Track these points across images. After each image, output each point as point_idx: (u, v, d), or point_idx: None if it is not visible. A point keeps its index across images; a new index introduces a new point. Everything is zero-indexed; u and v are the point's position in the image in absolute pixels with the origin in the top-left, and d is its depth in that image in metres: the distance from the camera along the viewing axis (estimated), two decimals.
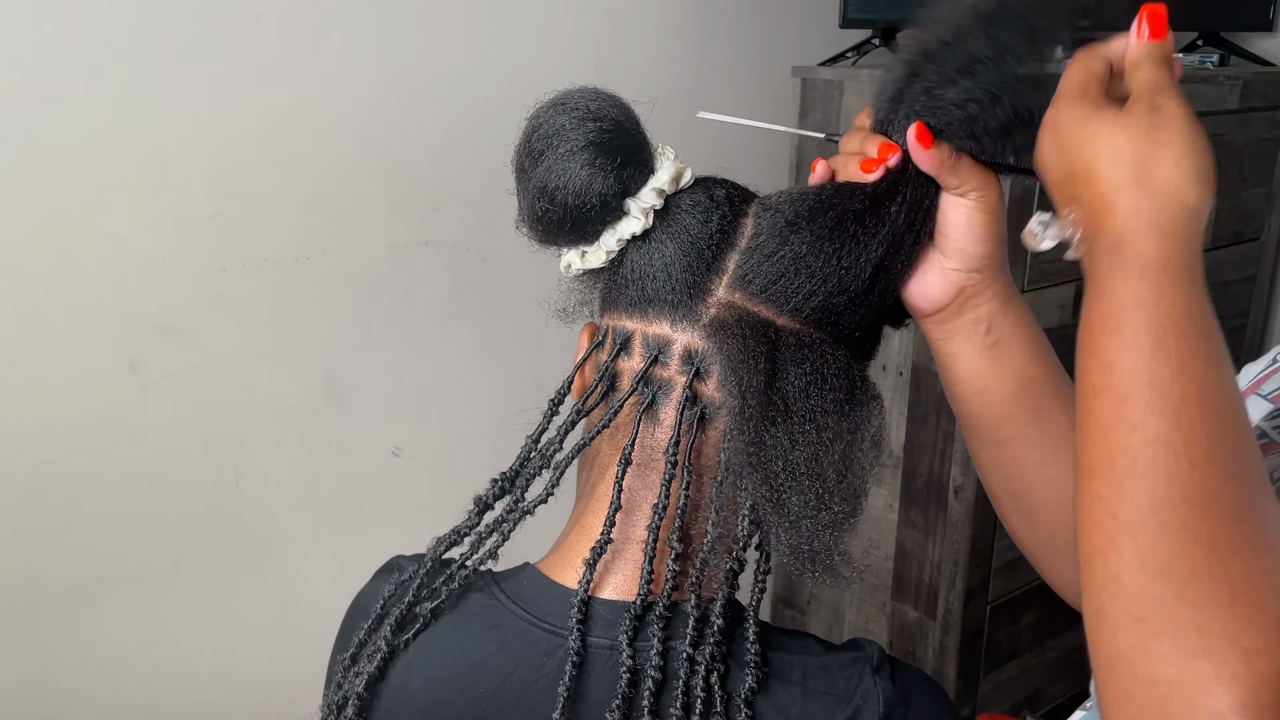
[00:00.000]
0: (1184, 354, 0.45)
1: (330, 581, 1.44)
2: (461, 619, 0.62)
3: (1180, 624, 0.40)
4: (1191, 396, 0.44)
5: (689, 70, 1.56)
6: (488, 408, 1.53)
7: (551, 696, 0.57)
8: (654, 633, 0.58)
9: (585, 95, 0.61)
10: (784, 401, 0.58)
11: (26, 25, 1.10)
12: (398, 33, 1.33)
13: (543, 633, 0.60)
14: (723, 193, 0.63)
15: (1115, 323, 0.47)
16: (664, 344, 0.62)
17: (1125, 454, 0.44)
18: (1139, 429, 0.44)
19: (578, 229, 0.62)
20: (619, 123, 0.61)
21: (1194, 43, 1.84)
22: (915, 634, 1.65)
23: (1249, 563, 0.41)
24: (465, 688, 0.60)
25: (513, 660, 0.59)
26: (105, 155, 1.17)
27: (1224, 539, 0.41)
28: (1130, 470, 0.44)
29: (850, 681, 0.58)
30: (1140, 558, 0.42)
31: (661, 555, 0.60)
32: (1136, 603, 0.41)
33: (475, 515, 0.65)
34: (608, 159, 0.60)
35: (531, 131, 0.61)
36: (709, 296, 0.61)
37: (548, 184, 0.60)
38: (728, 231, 0.61)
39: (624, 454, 0.61)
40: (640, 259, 0.62)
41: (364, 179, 1.35)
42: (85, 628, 1.28)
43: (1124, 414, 0.45)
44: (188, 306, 1.26)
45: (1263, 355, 0.85)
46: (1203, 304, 0.47)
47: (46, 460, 1.21)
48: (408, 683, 0.61)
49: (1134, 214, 0.49)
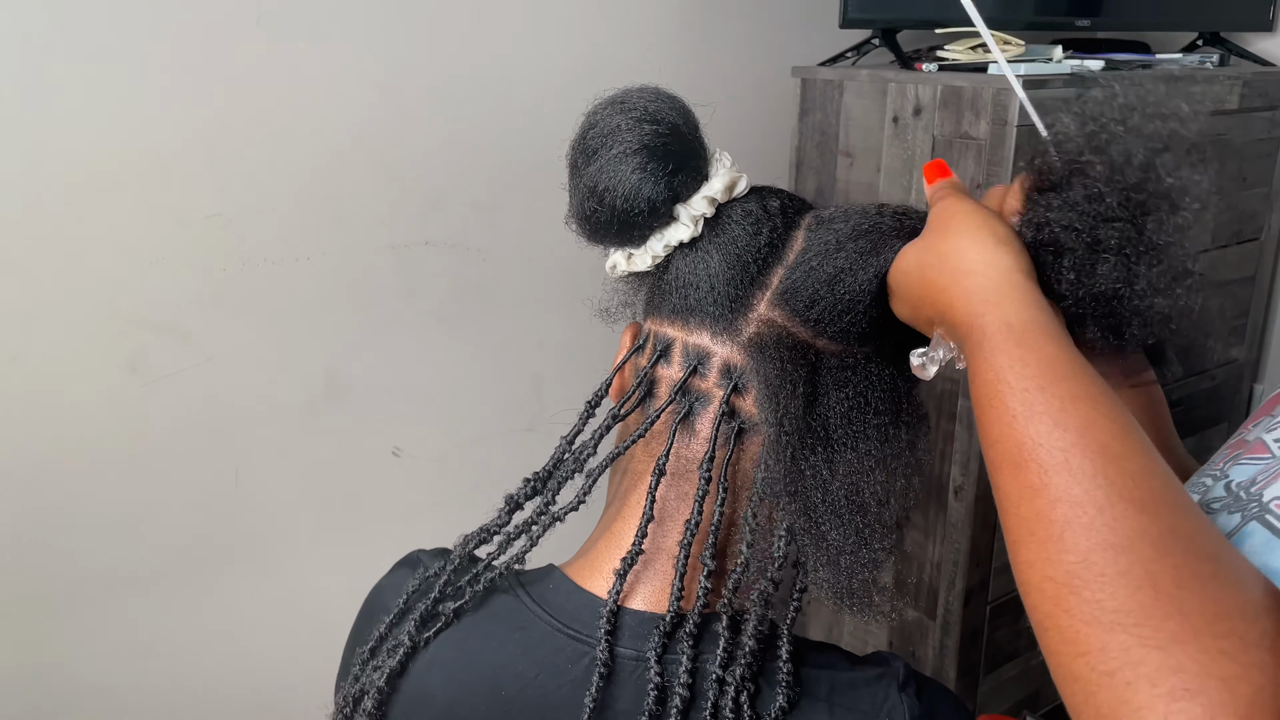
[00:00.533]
0: (1054, 404, 0.45)
1: (330, 581, 1.44)
2: (486, 620, 0.61)
3: (1152, 669, 0.39)
4: (1074, 443, 0.44)
5: (688, 70, 1.56)
6: (488, 408, 1.53)
7: (574, 704, 0.57)
8: (683, 649, 0.56)
9: (645, 95, 0.60)
10: (824, 427, 0.57)
11: (26, 25, 1.10)
12: (398, 33, 1.33)
13: (568, 639, 0.59)
14: (776, 204, 0.62)
15: (988, 399, 0.48)
16: (704, 355, 0.61)
17: (1038, 519, 0.44)
18: (1040, 492, 0.44)
19: (625, 232, 0.61)
20: (676, 126, 0.60)
21: (1194, 43, 1.84)
22: (915, 634, 1.65)
23: (1197, 594, 0.40)
24: (487, 690, 0.59)
25: (536, 665, 0.59)
26: (105, 155, 1.17)
27: (1164, 575, 0.41)
28: (1049, 533, 0.43)
29: (876, 698, 0.57)
30: (1090, 612, 0.41)
31: (693, 571, 0.59)
32: (1102, 658, 0.40)
33: (505, 514, 0.64)
34: (660, 164, 0.59)
35: (588, 128, 0.60)
36: (750, 311, 0.60)
37: (598, 184, 0.59)
38: (776, 245, 0.60)
39: (658, 464, 0.60)
40: (686, 267, 0.61)
41: (364, 179, 1.35)
42: (85, 627, 1.28)
43: (1023, 482, 0.45)
44: (188, 306, 1.26)
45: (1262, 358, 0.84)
46: (1058, 350, 0.47)
47: (46, 460, 1.21)
48: (427, 680, 0.60)
49: (966, 299, 0.51)
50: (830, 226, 0.60)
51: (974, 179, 1.41)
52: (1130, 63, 1.59)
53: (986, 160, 1.38)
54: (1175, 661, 0.39)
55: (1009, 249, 0.51)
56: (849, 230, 0.59)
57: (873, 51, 1.60)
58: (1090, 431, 0.44)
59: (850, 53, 1.61)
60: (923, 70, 1.47)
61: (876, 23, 1.56)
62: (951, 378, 1.49)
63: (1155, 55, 1.69)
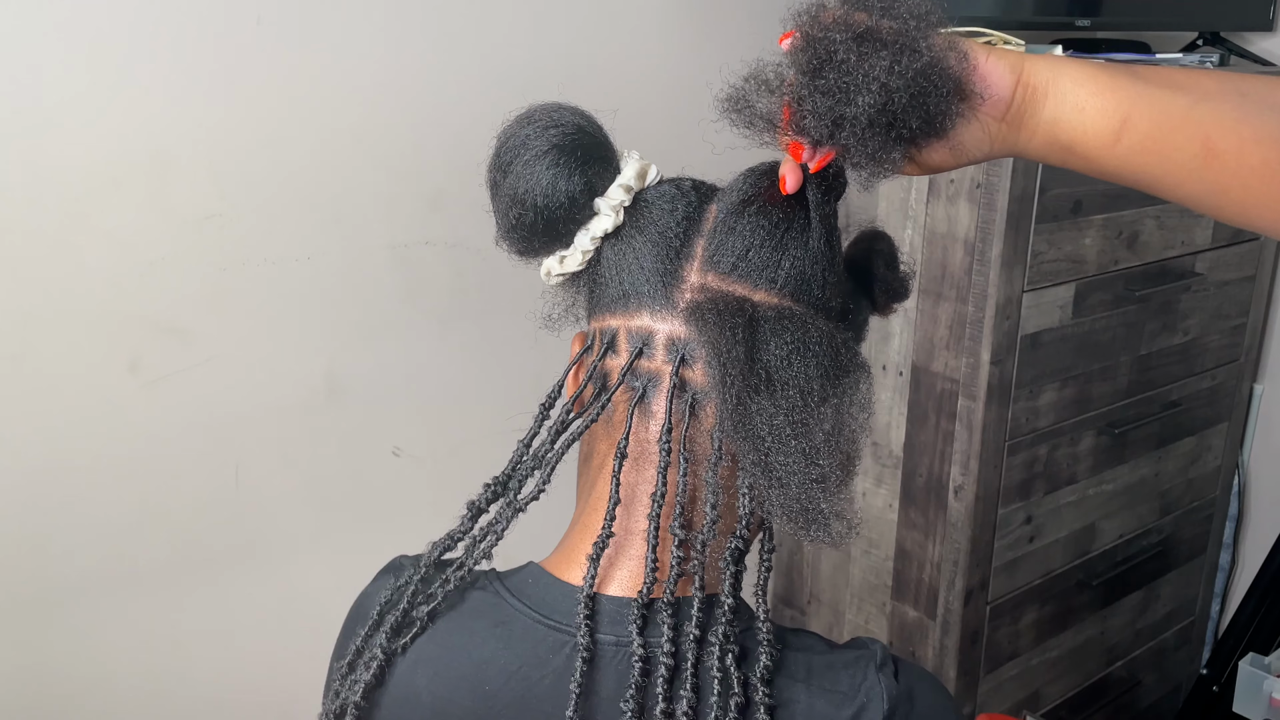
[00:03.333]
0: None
1: (330, 581, 1.44)
2: (467, 617, 0.62)
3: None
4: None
5: (687, 71, 1.56)
6: (488, 408, 1.53)
7: (557, 693, 0.58)
8: (663, 619, 0.58)
9: (547, 107, 0.64)
10: (766, 372, 0.59)
11: (26, 25, 1.10)
12: (398, 33, 1.33)
13: (548, 630, 0.60)
14: (688, 184, 0.65)
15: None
16: (647, 336, 0.63)
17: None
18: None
19: (550, 231, 0.64)
20: (580, 126, 0.63)
21: (1194, 43, 1.84)
22: (915, 634, 1.65)
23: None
24: (471, 686, 0.60)
25: (519, 658, 0.60)
26: (105, 155, 1.17)
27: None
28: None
29: (855, 679, 0.58)
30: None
31: (664, 543, 0.60)
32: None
33: (469, 520, 0.66)
34: (571, 159, 0.62)
35: (500, 146, 0.64)
36: (682, 283, 0.62)
37: (517, 190, 0.63)
38: (693, 218, 0.63)
39: (619, 448, 0.62)
40: (614, 255, 0.64)
41: (364, 179, 1.35)
42: (85, 627, 1.28)
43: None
44: (188, 306, 1.26)
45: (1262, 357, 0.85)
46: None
47: (46, 460, 1.21)
48: (414, 682, 0.61)
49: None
50: (731, 189, 0.64)
51: (974, 178, 1.41)
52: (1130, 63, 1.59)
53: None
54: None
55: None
56: (749, 189, 0.64)
57: None
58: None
59: None
60: None
61: None
62: (951, 378, 1.49)
63: (1155, 55, 1.69)
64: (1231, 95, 0.56)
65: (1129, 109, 0.56)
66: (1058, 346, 1.52)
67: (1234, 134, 0.55)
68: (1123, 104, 0.56)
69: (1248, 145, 0.55)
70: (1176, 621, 2.02)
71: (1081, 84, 0.57)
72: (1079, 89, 0.57)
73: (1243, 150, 0.55)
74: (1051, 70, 0.58)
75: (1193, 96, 0.56)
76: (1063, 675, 1.81)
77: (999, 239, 1.40)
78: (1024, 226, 1.41)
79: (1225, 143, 0.55)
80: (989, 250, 1.41)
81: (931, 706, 0.59)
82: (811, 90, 0.58)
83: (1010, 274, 1.42)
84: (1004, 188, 1.38)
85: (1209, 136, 0.55)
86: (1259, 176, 0.55)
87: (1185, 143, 0.55)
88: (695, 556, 0.60)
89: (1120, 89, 0.56)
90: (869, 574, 1.70)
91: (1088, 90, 0.57)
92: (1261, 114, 0.55)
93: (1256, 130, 0.55)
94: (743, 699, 0.55)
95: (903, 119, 0.57)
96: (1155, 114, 0.56)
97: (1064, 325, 1.52)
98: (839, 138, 0.58)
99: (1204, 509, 1.95)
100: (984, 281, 1.42)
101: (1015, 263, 1.43)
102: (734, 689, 0.56)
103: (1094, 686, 1.88)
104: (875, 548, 1.68)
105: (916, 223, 1.50)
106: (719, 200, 0.64)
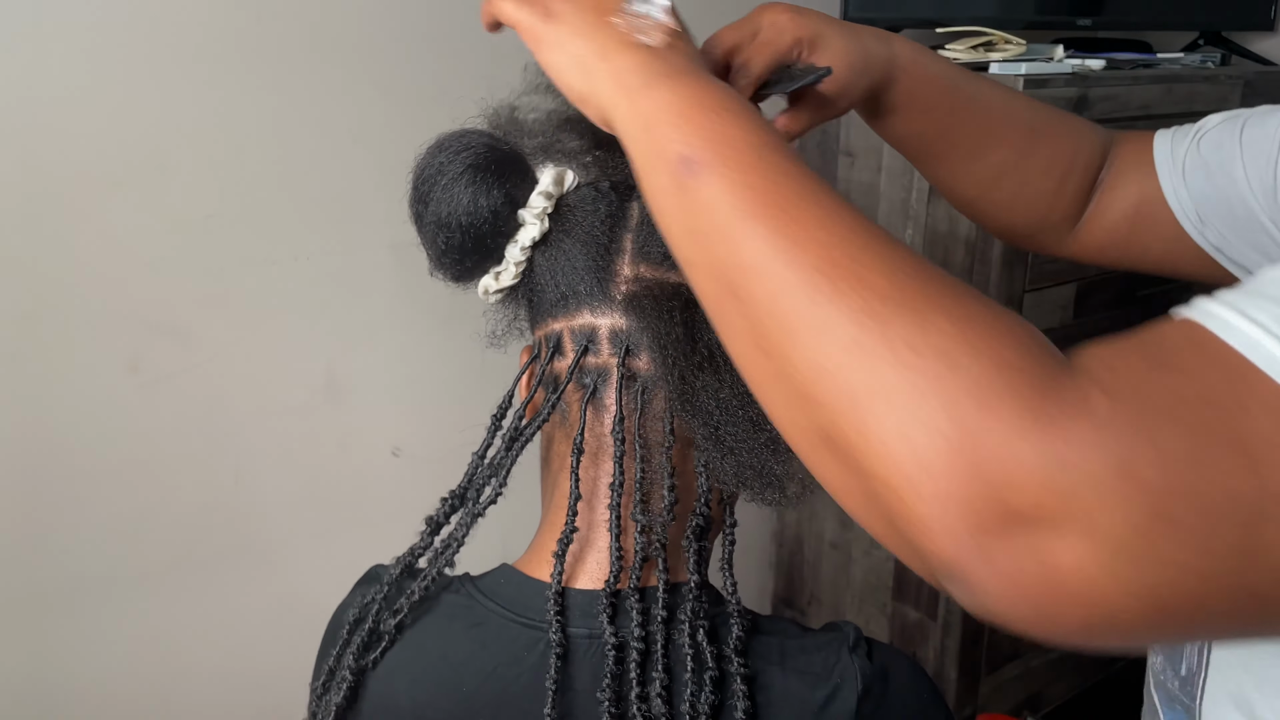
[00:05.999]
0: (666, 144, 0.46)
1: (330, 581, 1.44)
2: (442, 621, 0.63)
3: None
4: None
5: None
6: (488, 408, 1.52)
7: (533, 690, 0.58)
8: (632, 605, 0.59)
9: (455, 134, 0.65)
10: (708, 349, 0.60)
11: (26, 25, 1.10)
12: (398, 33, 1.33)
13: (522, 627, 0.60)
14: (607, 184, 0.66)
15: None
16: (590, 332, 0.64)
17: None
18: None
19: (480, 248, 0.65)
20: (490, 145, 0.64)
21: (1194, 42, 1.84)
22: (916, 634, 1.65)
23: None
24: (449, 689, 0.60)
25: (494, 658, 0.60)
26: (105, 155, 1.17)
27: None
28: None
29: (829, 660, 0.58)
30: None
31: (627, 532, 0.61)
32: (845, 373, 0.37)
33: (429, 535, 0.67)
34: (487, 174, 0.63)
35: (416, 179, 0.65)
36: (617, 277, 0.63)
37: (440, 215, 0.63)
38: (617, 215, 0.64)
39: (575, 444, 0.63)
40: (546, 261, 0.65)
41: (364, 179, 1.35)
42: (85, 628, 1.28)
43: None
44: (188, 306, 1.26)
45: None
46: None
47: (46, 460, 1.21)
48: (392, 691, 0.62)
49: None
50: None
51: None
52: (1131, 62, 1.59)
53: None
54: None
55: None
56: None
57: None
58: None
59: None
60: None
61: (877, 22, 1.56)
62: None
63: (1156, 54, 1.69)
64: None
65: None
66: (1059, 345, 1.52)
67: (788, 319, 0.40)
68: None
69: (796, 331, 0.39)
70: None
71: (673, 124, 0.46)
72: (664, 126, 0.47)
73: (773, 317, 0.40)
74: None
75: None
76: (1063, 676, 1.81)
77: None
78: None
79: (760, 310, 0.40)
80: (990, 250, 1.41)
81: (905, 685, 0.59)
82: None
83: (1011, 274, 1.42)
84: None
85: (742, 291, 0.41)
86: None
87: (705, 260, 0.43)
88: (657, 540, 0.60)
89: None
90: (870, 574, 1.70)
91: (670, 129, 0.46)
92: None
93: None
94: (717, 672, 0.56)
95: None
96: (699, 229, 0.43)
97: (1065, 325, 1.52)
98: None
99: None
100: (985, 281, 1.42)
101: (1016, 263, 1.43)
102: (708, 664, 0.56)
103: (1095, 688, 1.88)
104: (876, 548, 1.67)
105: (917, 223, 1.50)
106: (639, 197, 0.64)
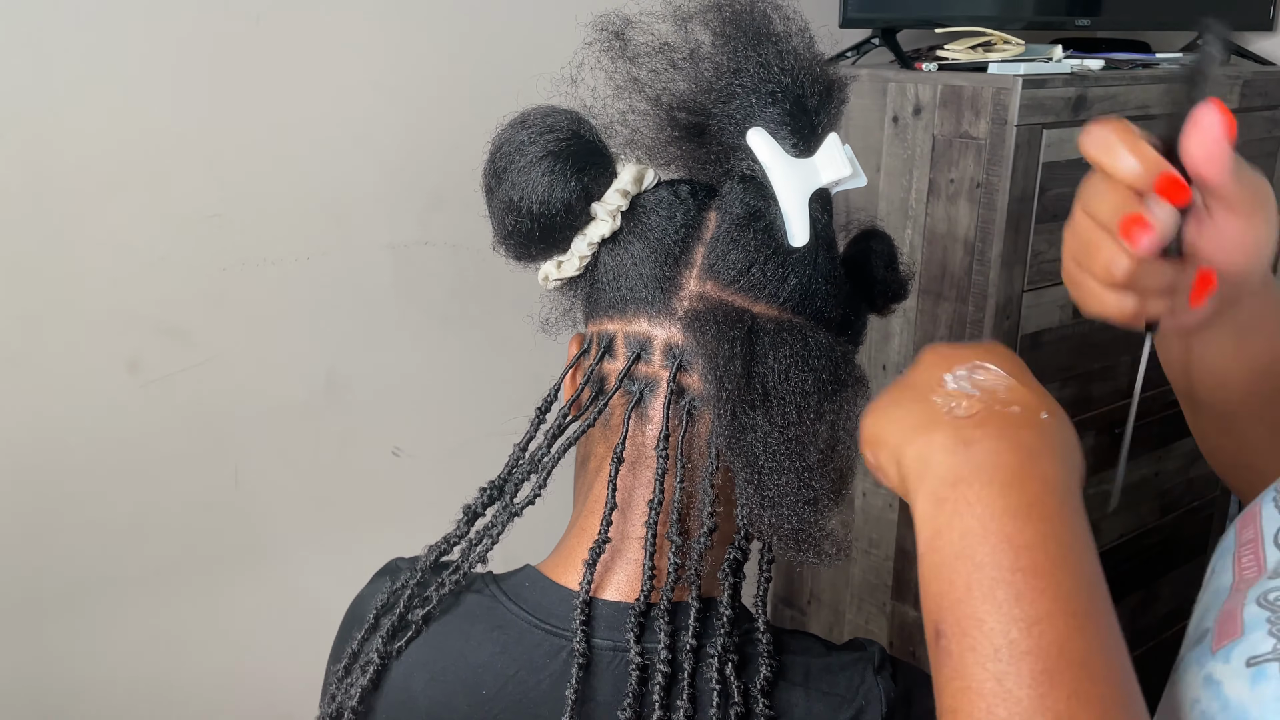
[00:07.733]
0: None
1: (330, 582, 1.44)
2: (464, 621, 0.62)
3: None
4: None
5: None
6: (488, 408, 1.53)
7: (554, 699, 0.57)
8: (660, 626, 0.58)
9: (541, 112, 0.63)
10: (763, 386, 0.59)
11: (27, 25, 1.10)
12: (398, 33, 1.33)
13: (544, 634, 0.59)
14: (686, 189, 0.64)
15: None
16: (645, 341, 0.62)
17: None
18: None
19: (548, 237, 0.63)
20: (574, 132, 0.62)
21: (1194, 42, 1.84)
22: (915, 634, 1.65)
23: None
24: (467, 690, 0.59)
25: (515, 662, 0.59)
26: (105, 155, 1.17)
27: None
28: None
29: (853, 681, 0.58)
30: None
31: (661, 550, 0.60)
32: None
33: (465, 524, 0.66)
34: (566, 165, 0.61)
35: (494, 152, 0.63)
36: (681, 290, 0.61)
37: (513, 197, 0.62)
38: (692, 225, 0.62)
39: (616, 452, 0.61)
40: (612, 261, 0.63)
41: (364, 179, 1.35)
42: (84, 628, 1.28)
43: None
44: (188, 306, 1.26)
45: None
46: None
47: (46, 460, 1.21)
48: (410, 685, 0.61)
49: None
50: (736, 201, 0.62)
51: (974, 178, 1.41)
52: (1130, 62, 1.59)
53: (986, 160, 1.38)
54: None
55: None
56: (753, 201, 0.62)
57: (872, 51, 1.60)
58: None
59: (850, 52, 1.60)
60: (922, 70, 1.47)
61: (876, 22, 1.56)
62: None
63: (1155, 54, 1.69)
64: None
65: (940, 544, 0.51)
66: (1058, 346, 1.52)
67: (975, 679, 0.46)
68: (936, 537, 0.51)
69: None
70: (1176, 621, 2.02)
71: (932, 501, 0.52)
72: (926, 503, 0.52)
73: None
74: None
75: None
76: None
77: (999, 239, 1.40)
78: (1024, 226, 1.41)
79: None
80: (989, 250, 1.41)
81: (929, 709, 0.59)
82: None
83: (1010, 274, 1.42)
84: (1004, 188, 1.38)
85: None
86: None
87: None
88: (692, 564, 0.59)
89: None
90: (869, 574, 1.70)
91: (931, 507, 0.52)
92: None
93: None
94: (742, 709, 0.55)
95: None
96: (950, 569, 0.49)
97: (1064, 325, 1.52)
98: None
99: (1204, 509, 1.95)
100: (984, 281, 1.42)
101: (1015, 262, 1.43)
102: (734, 698, 0.55)
103: None
104: (875, 548, 1.68)
105: (916, 223, 1.50)
106: (719, 208, 0.63)
